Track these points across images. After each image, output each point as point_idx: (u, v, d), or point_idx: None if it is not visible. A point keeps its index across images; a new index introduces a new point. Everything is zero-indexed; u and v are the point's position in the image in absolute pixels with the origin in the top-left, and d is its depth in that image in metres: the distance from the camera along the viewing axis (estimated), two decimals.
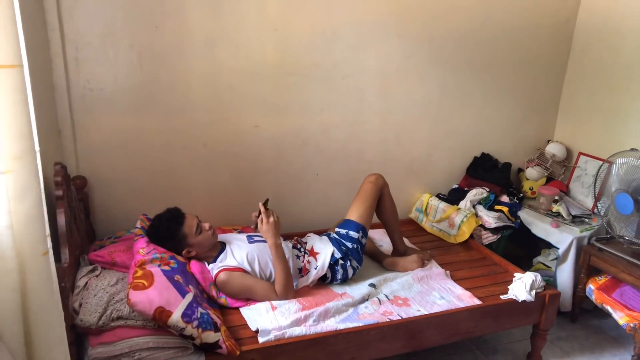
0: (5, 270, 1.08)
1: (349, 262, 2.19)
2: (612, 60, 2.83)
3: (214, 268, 2.00)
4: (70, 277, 1.73)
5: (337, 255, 2.18)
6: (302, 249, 2.21)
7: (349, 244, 2.22)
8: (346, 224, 2.28)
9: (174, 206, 2.07)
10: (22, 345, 1.15)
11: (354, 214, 2.29)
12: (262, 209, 2.06)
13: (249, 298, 2.00)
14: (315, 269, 2.14)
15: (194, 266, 1.98)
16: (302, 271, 2.13)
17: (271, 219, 2.03)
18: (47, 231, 1.26)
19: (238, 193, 2.62)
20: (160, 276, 1.73)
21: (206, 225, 2.05)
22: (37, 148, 1.26)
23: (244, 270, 2.00)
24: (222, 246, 2.11)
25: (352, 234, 2.24)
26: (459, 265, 2.48)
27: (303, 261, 2.16)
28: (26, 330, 1.15)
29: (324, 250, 2.20)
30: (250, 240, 2.15)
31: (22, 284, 1.11)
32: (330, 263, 2.16)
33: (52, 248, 1.37)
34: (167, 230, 1.98)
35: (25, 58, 1.20)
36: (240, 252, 2.05)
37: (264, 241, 2.13)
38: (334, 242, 2.24)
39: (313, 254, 2.20)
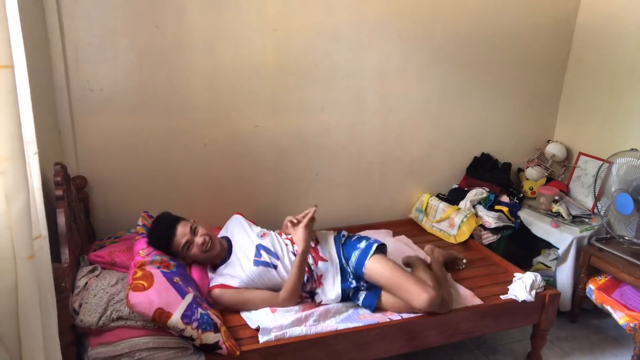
0: (3, 270, 1.08)
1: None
2: (612, 60, 2.83)
3: (211, 279, 1.97)
4: (70, 277, 1.73)
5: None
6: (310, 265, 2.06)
7: (353, 285, 2.04)
8: (368, 301, 2.02)
9: (166, 212, 2.02)
10: (19, 347, 1.14)
11: (390, 294, 2.00)
12: (312, 214, 2.03)
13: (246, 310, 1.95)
14: (316, 295, 2.04)
15: (195, 272, 1.97)
16: (304, 293, 2.03)
17: (309, 227, 2.01)
18: (42, 233, 1.25)
19: (238, 193, 2.62)
20: (160, 277, 1.73)
21: (199, 240, 1.93)
22: (35, 150, 1.25)
23: (238, 288, 1.93)
24: (227, 253, 2.05)
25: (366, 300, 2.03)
26: None
27: (310, 277, 2.03)
28: (19, 333, 1.15)
29: (329, 290, 2.03)
30: (256, 262, 1.99)
31: (17, 285, 1.11)
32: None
33: (52, 248, 1.37)
34: (157, 245, 1.93)
35: (24, 58, 1.20)
36: (239, 273, 1.95)
37: (269, 265, 1.99)
38: (346, 285, 2.03)
39: (320, 283, 2.04)
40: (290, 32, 2.45)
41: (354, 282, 2.02)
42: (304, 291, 2.02)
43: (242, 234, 2.12)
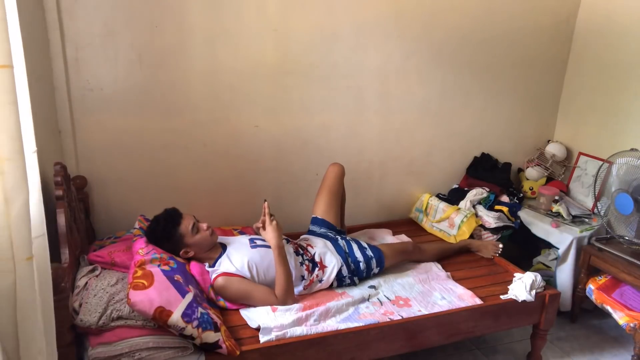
0: (1, 271, 1.08)
1: (352, 276, 2.20)
2: (612, 60, 2.83)
3: (213, 272, 1.99)
4: (70, 277, 1.73)
5: (345, 272, 2.17)
6: (305, 257, 2.15)
7: (361, 265, 2.21)
8: (376, 252, 2.28)
9: (172, 207, 2.06)
10: (17, 348, 1.14)
11: (391, 257, 2.32)
12: (267, 209, 2.05)
13: (248, 304, 1.97)
14: (320, 281, 2.13)
15: (194, 268, 1.98)
16: (308, 282, 2.10)
17: (274, 222, 2.04)
18: (42, 232, 1.25)
19: (238, 193, 2.62)
20: (160, 276, 1.73)
21: (204, 225, 2.03)
22: (33, 148, 1.26)
23: (242, 277, 1.97)
24: (223, 249, 2.09)
25: (373, 264, 2.24)
26: (459, 266, 2.48)
27: (310, 272, 2.12)
28: (18, 334, 1.15)
29: (331, 264, 2.17)
30: (253, 245, 2.11)
31: (15, 286, 1.11)
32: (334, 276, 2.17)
33: (52, 248, 1.36)
34: (164, 231, 1.96)
35: (23, 58, 1.20)
36: (241, 258, 2.01)
37: (266, 246, 2.09)
38: (343, 255, 2.21)
39: (322, 267, 2.16)
40: (290, 32, 2.45)
41: (359, 264, 2.22)
42: (320, 281, 2.13)
43: (234, 238, 2.21)
